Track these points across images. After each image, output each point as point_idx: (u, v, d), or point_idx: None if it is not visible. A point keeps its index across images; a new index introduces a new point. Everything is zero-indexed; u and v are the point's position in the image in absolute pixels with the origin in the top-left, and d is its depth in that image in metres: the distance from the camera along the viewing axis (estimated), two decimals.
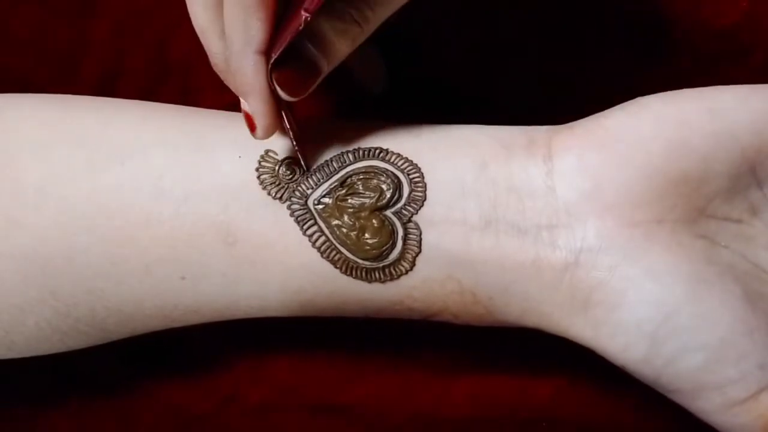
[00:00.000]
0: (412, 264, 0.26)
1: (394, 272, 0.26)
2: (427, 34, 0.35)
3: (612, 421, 0.34)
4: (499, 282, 0.26)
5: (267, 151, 0.27)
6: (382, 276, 0.27)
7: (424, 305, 0.27)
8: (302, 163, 0.27)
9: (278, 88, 0.25)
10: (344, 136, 0.28)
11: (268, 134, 0.26)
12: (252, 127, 0.26)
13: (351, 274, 0.27)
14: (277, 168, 0.27)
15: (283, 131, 0.27)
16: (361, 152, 0.27)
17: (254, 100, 0.25)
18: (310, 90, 0.25)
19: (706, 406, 0.26)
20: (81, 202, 0.27)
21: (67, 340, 0.29)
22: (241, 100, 0.26)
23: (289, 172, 0.27)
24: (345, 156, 0.27)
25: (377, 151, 0.27)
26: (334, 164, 0.27)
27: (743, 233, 0.26)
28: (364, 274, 0.27)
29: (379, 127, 0.28)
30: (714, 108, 0.26)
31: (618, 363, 0.26)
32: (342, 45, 0.25)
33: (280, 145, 0.28)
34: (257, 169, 0.27)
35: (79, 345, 0.29)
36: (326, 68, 0.25)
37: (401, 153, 0.27)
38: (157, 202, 0.27)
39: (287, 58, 0.24)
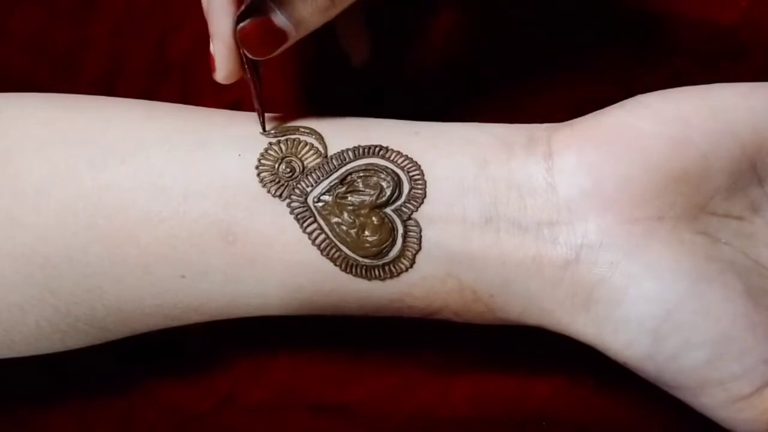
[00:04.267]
0: (412, 261, 0.26)
1: (394, 270, 0.26)
2: (426, 32, 0.35)
3: (611, 420, 0.34)
4: (500, 279, 0.26)
5: (267, 149, 0.27)
6: (381, 274, 0.27)
7: (424, 303, 0.27)
8: (261, 122, 0.28)
9: (239, 42, 0.26)
10: (344, 134, 0.28)
11: (226, 79, 0.28)
12: (212, 69, 0.28)
13: (351, 272, 0.27)
14: (276, 166, 0.27)
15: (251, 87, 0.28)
16: (361, 150, 0.27)
17: (218, 44, 0.27)
18: (275, 53, 0.27)
19: (709, 402, 0.26)
20: (81, 201, 0.27)
21: (66, 339, 0.29)
22: (210, 41, 0.27)
23: (288, 170, 0.27)
24: (345, 154, 0.27)
25: (377, 149, 0.27)
26: (334, 162, 0.27)
27: (744, 230, 0.26)
28: (363, 271, 0.27)
29: (379, 125, 0.28)
30: (714, 105, 0.26)
31: (620, 360, 0.26)
32: (310, 15, 0.26)
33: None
34: (257, 167, 0.27)
35: (78, 344, 0.29)
36: (294, 34, 0.26)
37: (401, 151, 0.27)
38: (156, 201, 0.27)
39: (254, 16, 0.26)
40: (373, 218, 0.27)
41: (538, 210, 0.26)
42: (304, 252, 0.26)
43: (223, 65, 0.27)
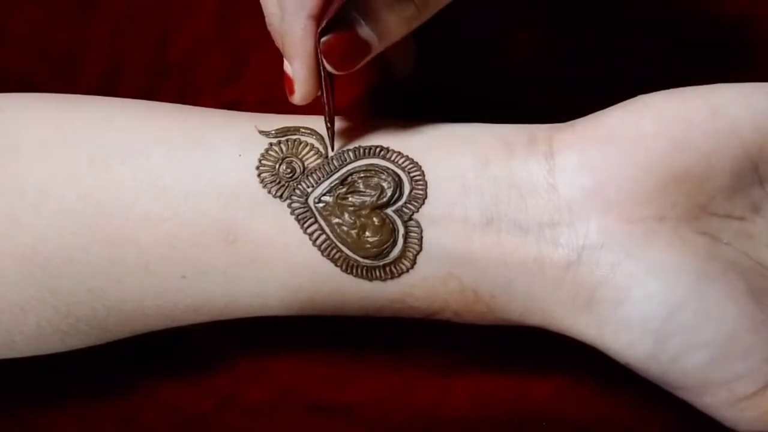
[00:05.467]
0: (413, 262, 0.26)
1: (395, 270, 0.26)
2: (426, 33, 0.35)
3: (611, 420, 0.34)
4: (501, 280, 0.26)
5: (267, 150, 0.27)
6: (382, 274, 0.27)
7: (425, 303, 0.27)
8: (327, 141, 0.28)
9: (323, 58, 0.25)
10: (345, 134, 0.28)
11: (304, 100, 0.27)
12: (290, 91, 0.27)
13: (351, 273, 0.27)
14: (277, 166, 0.27)
15: (320, 104, 0.27)
16: (361, 150, 0.27)
17: (298, 64, 0.26)
18: (357, 66, 0.26)
19: (713, 401, 0.26)
20: (81, 201, 0.27)
21: (67, 340, 0.29)
22: (285, 62, 0.26)
23: (289, 171, 0.27)
24: (346, 154, 0.27)
25: (378, 149, 0.27)
26: (335, 162, 0.27)
27: (745, 231, 0.26)
28: (364, 272, 0.27)
29: (380, 125, 0.28)
30: (716, 105, 0.26)
31: (623, 360, 0.26)
32: (395, 25, 0.25)
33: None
34: (257, 168, 0.27)
35: (79, 345, 0.29)
36: (377, 46, 0.26)
37: (402, 151, 0.27)
38: (157, 201, 0.27)
39: (339, 29, 0.25)
40: (374, 219, 0.27)
41: (540, 210, 0.26)
42: (304, 252, 0.26)
43: (303, 86, 0.26)
